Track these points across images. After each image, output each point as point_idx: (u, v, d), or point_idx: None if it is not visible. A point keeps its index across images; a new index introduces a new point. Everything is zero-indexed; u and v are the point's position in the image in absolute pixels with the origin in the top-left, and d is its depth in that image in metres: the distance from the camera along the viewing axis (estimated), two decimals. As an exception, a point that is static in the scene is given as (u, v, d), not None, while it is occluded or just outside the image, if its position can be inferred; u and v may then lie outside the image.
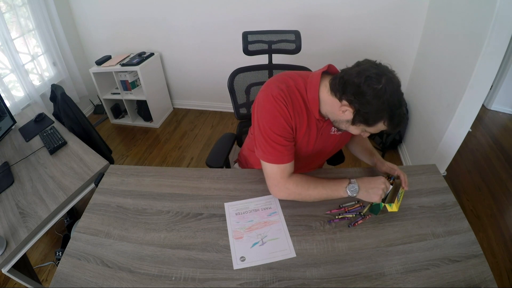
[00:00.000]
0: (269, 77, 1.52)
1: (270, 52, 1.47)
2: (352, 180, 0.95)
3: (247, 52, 1.45)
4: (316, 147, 1.05)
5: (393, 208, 0.94)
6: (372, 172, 1.14)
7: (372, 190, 0.93)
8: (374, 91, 0.79)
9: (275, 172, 0.96)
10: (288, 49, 1.44)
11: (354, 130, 0.91)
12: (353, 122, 0.87)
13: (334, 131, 1.04)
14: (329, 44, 2.45)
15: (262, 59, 1.51)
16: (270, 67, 1.50)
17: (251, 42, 1.44)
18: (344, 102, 0.85)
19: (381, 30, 2.29)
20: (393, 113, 0.81)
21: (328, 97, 0.90)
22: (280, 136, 0.93)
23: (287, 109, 0.92)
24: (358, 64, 0.85)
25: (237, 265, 0.86)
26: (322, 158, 1.16)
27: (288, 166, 0.95)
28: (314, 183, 0.97)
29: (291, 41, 1.43)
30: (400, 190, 0.98)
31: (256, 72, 1.49)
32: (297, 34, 1.43)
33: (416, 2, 2.11)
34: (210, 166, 1.29)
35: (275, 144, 0.93)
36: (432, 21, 2.07)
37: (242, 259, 0.88)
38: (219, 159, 1.33)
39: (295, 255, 0.88)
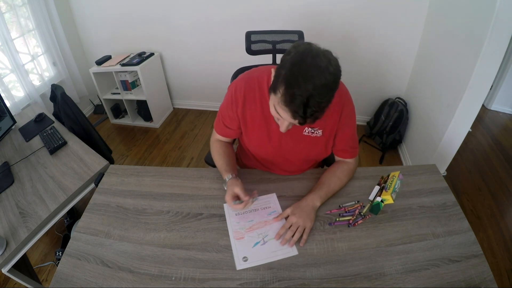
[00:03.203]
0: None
1: (274, 52, 1.48)
2: (228, 178, 1.03)
3: (250, 51, 1.45)
4: (284, 145, 1.04)
5: (388, 200, 0.94)
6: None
7: (227, 192, 1.00)
8: (283, 61, 0.77)
9: (213, 131, 1.18)
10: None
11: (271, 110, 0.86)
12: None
13: (308, 132, 1.01)
14: (329, 44, 2.38)
15: (262, 59, 1.51)
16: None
17: (254, 42, 1.44)
18: None
19: (381, 30, 2.29)
20: (289, 82, 0.73)
21: None
22: (221, 113, 1.09)
23: (235, 98, 1.01)
24: None
25: (240, 265, 0.86)
26: (298, 160, 1.10)
27: (216, 134, 1.15)
28: (218, 156, 1.11)
29: (295, 41, 1.43)
30: (390, 180, 1.00)
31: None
32: (300, 34, 1.44)
33: (416, 2, 2.11)
34: (209, 164, 1.29)
35: (219, 115, 1.11)
36: (432, 21, 2.07)
37: (245, 259, 0.87)
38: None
39: (297, 253, 0.88)
